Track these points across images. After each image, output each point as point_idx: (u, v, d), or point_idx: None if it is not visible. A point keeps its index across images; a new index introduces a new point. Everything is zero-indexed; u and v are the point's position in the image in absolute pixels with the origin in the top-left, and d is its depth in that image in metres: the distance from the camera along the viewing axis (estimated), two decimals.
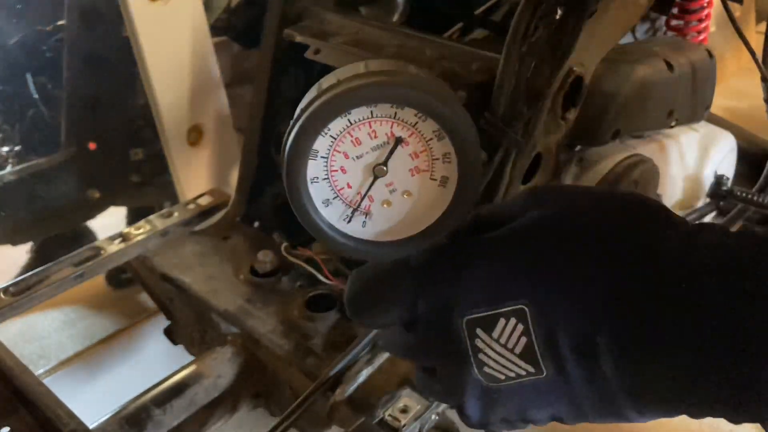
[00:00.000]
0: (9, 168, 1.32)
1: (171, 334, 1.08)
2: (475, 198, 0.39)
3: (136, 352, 1.39)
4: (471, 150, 0.38)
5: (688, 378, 0.33)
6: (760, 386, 0.31)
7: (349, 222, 0.39)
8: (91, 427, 0.76)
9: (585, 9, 0.74)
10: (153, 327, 1.37)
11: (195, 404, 0.85)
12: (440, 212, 0.39)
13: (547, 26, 0.75)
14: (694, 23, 1.06)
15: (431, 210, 0.39)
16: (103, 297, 1.50)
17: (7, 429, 0.75)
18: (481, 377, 0.38)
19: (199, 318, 0.98)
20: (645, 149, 0.92)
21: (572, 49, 0.74)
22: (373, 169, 0.38)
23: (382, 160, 0.38)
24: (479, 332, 0.37)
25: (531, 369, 0.36)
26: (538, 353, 0.36)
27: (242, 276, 0.97)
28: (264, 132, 1.07)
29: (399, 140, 0.38)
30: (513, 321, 0.36)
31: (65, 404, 0.75)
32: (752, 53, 0.94)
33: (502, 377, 0.37)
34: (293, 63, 1.03)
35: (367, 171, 0.38)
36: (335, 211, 0.39)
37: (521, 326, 0.36)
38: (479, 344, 0.37)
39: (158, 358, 1.34)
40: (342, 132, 0.37)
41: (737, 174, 1.11)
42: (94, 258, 0.94)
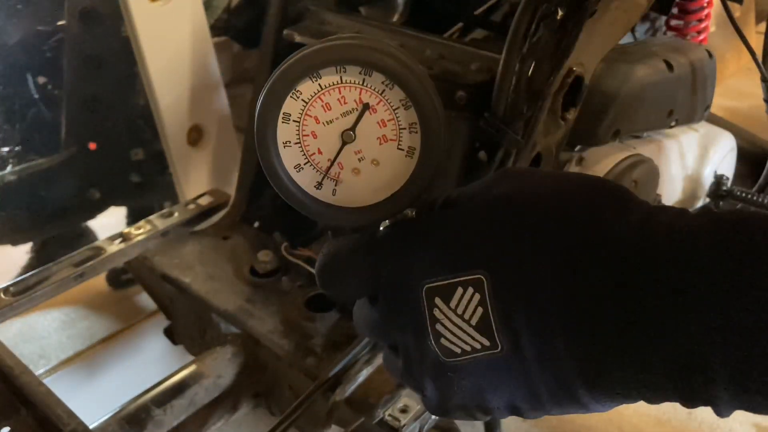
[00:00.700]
0: (9, 168, 1.32)
1: (171, 334, 1.08)
2: (436, 167, 0.40)
3: (137, 352, 1.39)
4: (434, 120, 0.39)
5: (637, 363, 0.33)
6: (707, 369, 0.31)
7: (320, 188, 0.41)
8: (92, 427, 0.76)
9: (585, 9, 0.74)
10: (153, 327, 1.37)
11: (195, 404, 0.85)
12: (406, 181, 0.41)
13: (548, 27, 0.75)
14: (694, 23, 1.06)
15: (398, 180, 0.41)
16: (104, 297, 1.50)
17: (8, 429, 0.75)
18: (438, 350, 0.38)
19: (199, 318, 0.98)
20: (645, 149, 0.92)
21: (572, 50, 0.74)
22: (342, 135, 0.39)
23: (351, 126, 0.39)
24: (437, 301, 0.37)
25: (486, 342, 0.36)
26: (494, 326, 0.36)
27: (242, 276, 0.97)
28: None
29: (366, 106, 0.39)
30: (470, 290, 0.36)
31: (65, 404, 0.75)
32: (752, 53, 0.95)
33: (458, 350, 0.37)
34: None
35: (338, 137, 0.40)
36: (306, 177, 0.40)
37: (478, 296, 0.36)
38: (437, 314, 0.37)
39: (158, 358, 1.34)
40: (313, 96, 0.39)
41: (737, 174, 1.11)
42: (95, 258, 0.95)
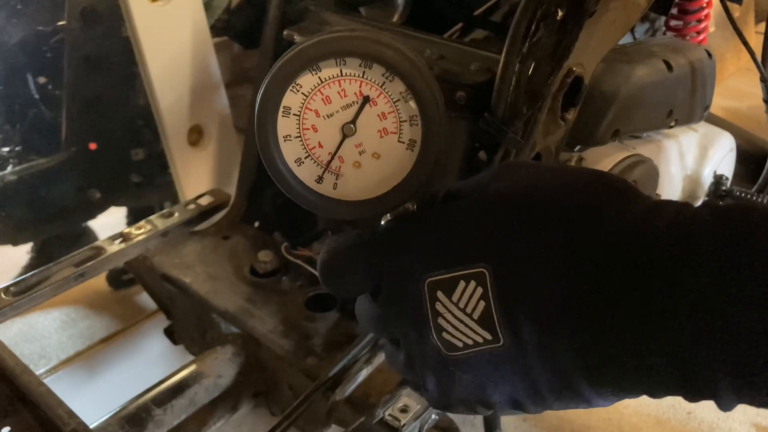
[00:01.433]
0: (10, 168, 1.32)
1: (171, 334, 1.08)
2: (436, 160, 0.40)
3: (137, 352, 1.39)
4: (435, 111, 0.39)
5: (638, 356, 0.33)
6: (708, 361, 0.31)
7: (321, 182, 0.40)
8: (92, 427, 0.76)
9: (585, 10, 0.74)
10: (153, 327, 1.37)
11: (195, 404, 0.85)
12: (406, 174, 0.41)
13: (548, 27, 0.75)
14: (694, 23, 1.06)
15: (399, 173, 0.40)
16: (104, 297, 1.50)
17: (8, 429, 0.75)
18: (440, 344, 0.38)
19: (200, 318, 0.98)
20: (644, 149, 0.92)
21: (572, 50, 0.74)
22: (342, 128, 0.39)
23: (351, 119, 0.39)
24: (440, 295, 0.37)
25: (488, 336, 0.36)
26: (496, 319, 0.36)
27: (243, 276, 0.97)
28: None
29: (366, 99, 0.39)
30: (473, 284, 0.36)
31: (66, 404, 0.75)
32: (751, 53, 0.95)
33: (460, 344, 0.37)
34: None
35: (338, 131, 0.39)
36: (307, 171, 0.40)
37: (480, 289, 0.36)
38: (439, 308, 0.37)
39: (159, 358, 1.34)
40: (313, 89, 0.39)
41: (736, 174, 1.11)
42: (95, 258, 0.95)
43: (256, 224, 1.11)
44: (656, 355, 0.32)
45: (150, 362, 1.35)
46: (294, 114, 0.39)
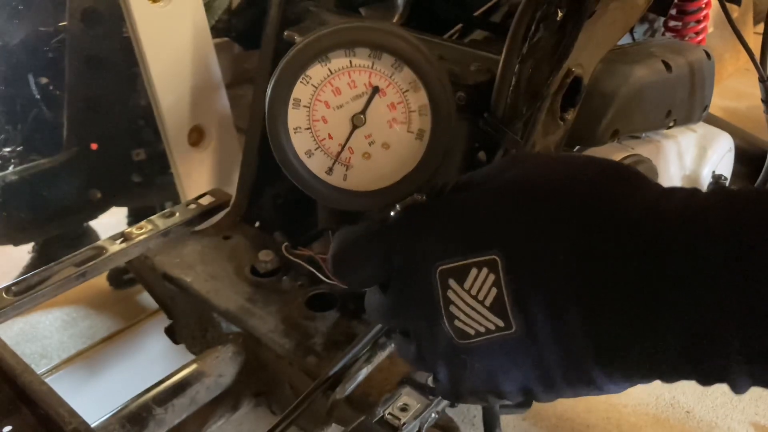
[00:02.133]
0: (11, 168, 1.32)
1: (172, 334, 1.08)
2: (445, 150, 0.40)
3: (138, 352, 1.39)
4: (444, 100, 0.39)
5: (651, 340, 0.33)
6: (721, 342, 0.31)
7: (331, 173, 0.41)
8: (93, 426, 0.76)
9: (584, 10, 0.74)
10: (154, 326, 1.37)
11: (196, 403, 0.85)
12: (416, 164, 0.41)
13: (547, 28, 0.75)
14: (693, 24, 1.06)
15: (409, 163, 0.41)
16: (105, 297, 1.50)
17: (9, 428, 0.76)
18: (452, 332, 0.38)
19: (200, 317, 0.98)
20: (643, 149, 0.93)
21: (571, 51, 0.74)
22: (352, 119, 0.39)
23: (361, 110, 0.39)
24: (451, 283, 0.37)
25: (500, 323, 0.36)
26: (508, 306, 0.36)
27: (243, 275, 0.98)
28: (265, 132, 1.07)
29: (376, 89, 0.39)
30: (485, 271, 0.36)
31: (67, 403, 0.75)
32: (750, 54, 0.95)
33: (472, 332, 0.37)
34: None
35: (348, 122, 0.40)
36: (317, 162, 0.41)
37: (492, 276, 0.36)
38: (451, 296, 0.37)
39: (159, 357, 1.34)
40: (323, 81, 0.39)
41: (735, 174, 1.11)
42: (96, 258, 0.95)
43: (257, 224, 1.11)
44: (670, 336, 0.32)
45: (151, 361, 1.35)
46: (304, 106, 0.39)
